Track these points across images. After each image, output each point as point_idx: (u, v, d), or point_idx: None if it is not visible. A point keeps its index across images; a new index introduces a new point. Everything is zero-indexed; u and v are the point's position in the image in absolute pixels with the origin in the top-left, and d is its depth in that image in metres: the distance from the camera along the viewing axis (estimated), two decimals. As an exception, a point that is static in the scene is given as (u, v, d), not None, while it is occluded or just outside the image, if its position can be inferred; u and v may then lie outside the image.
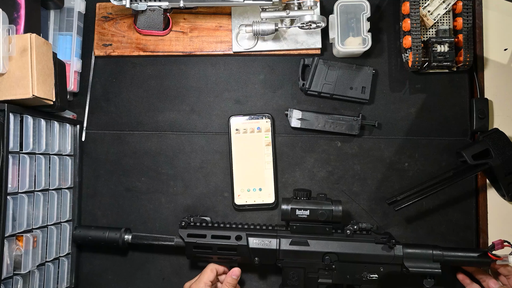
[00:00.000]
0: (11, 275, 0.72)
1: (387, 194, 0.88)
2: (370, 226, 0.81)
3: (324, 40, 0.91)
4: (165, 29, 0.92)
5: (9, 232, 0.70)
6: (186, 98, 0.93)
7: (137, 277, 0.91)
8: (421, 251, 0.80)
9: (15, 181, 0.72)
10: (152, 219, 0.91)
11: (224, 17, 0.93)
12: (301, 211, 0.80)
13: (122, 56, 0.93)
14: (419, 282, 0.79)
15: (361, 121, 0.89)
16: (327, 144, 0.91)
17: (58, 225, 0.85)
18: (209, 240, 0.82)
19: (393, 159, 0.90)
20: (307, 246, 0.81)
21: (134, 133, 0.93)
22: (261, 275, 0.90)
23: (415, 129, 0.90)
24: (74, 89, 0.92)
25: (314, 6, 0.86)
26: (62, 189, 0.86)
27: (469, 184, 0.89)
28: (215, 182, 0.91)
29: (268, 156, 0.90)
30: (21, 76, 0.72)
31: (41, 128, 0.79)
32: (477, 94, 0.89)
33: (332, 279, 0.81)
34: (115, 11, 0.94)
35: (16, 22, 0.77)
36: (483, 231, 0.87)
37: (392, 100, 0.91)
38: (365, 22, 0.86)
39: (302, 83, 0.90)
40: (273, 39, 0.91)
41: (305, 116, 0.89)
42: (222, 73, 0.93)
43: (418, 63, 0.85)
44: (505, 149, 0.82)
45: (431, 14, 0.86)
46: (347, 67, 0.89)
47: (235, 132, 0.90)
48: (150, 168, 0.92)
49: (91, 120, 0.94)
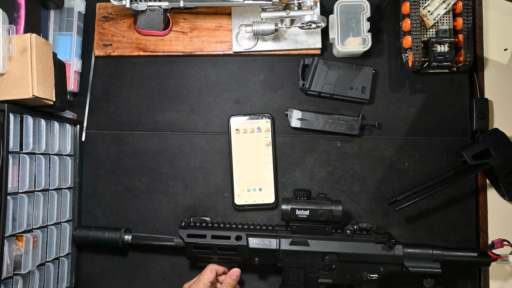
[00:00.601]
0: (11, 275, 0.72)
1: (387, 194, 0.88)
2: (370, 226, 0.81)
3: (324, 40, 0.91)
4: (165, 29, 0.92)
5: (9, 232, 0.70)
6: (186, 98, 0.93)
7: (137, 277, 0.91)
8: (421, 251, 0.80)
9: (15, 181, 0.72)
10: (152, 219, 0.91)
11: (224, 17, 0.93)
12: (301, 211, 0.80)
13: (122, 56, 0.93)
14: (419, 282, 0.79)
15: (361, 121, 0.89)
16: (327, 144, 0.91)
17: (58, 225, 0.85)
18: (209, 240, 0.82)
19: (393, 159, 0.90)
20: (307, 246, 0.81)
21: (134, 133, 0.93)
22: (261, 275, 0.90)
23: (415, 129, 0.90)
24: (74, 89, 0.92)
25: (314, 6, 0.86)
26: (62, 189, 0.86)
27: (469, 184, 0.89)
28: (215, 182, 0.91)
29: (268, 156, 0.90)
30: (21, 76, 0.72)
31: (41, 128, 0.79)
32: (477, 94, 0.89)
33: (332, 279, 0.81)
34: (115, 11, 0.94)
35: (16, 22, 0.76)
36: (483, 231, 0.87)
37: (392, 100, 0.91)
38: (365, 22, 0.86)
39: (302, 83, 0.90)
40: (273, 39, 0.91)
41: (305, 116, 0.89)
42: (222, 73, 0.93)
43: (418, 63, 0.85)
44: (505, 149, 0.82)
45: (431, 14, 0.86)
46: (347, 67, 0.89)
47: (235, 132, 0.90)
48: (150, 168, 0.92)
49: (91, 120, 0.94)
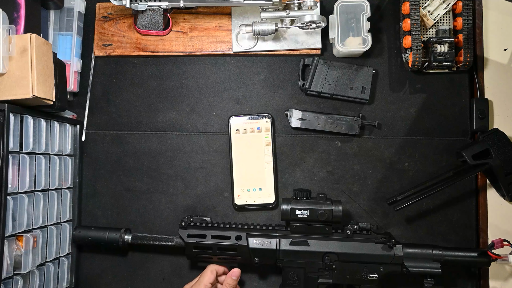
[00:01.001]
0: (11, 275, 0.72)
1: (387, 194, 0.88)
2: (370, 226, 0.81)
3: (324, 40, 0.91)
4: (165, 29, 0.92)
5: (9, 232, 0.70)
6: (186, 98, 0.93)
7: (137, 277, 0.91)
8: (421, 251, 0.80)
9: (15, 181, 0.72)
10: (152, 219, 0.91)
11: (224, 17, 0.93)
12: (301, 211, 0.80)
13: (122, 56, 0.93)
14: (419, 282, 0.79)
15: (361, 121, 0.89)
16: (327, 144, 0.91)
17: (58, 225, 0.85)
18: (209, 240, 0.82)
19: (393, 159, 0.90)
20: (307, 246, 0.81)
21: (134, 133, 0.93)
22: (261, 275, 0.90)
23: (415, 129, 0.90)
24: (74, 89, 0.92)
25: (314, 6, 0.86)
26: (62, 189, 0.86)
27: (469, 184, 0.89)
28: (215, 182, 0.91)
29: (268, 156, 0.90)
30: (21, 76, 0.72)
31: (41, 128, 0.79)
32: (477, 94, 0.89)
33: (332, 279, 0.80)
34: (115, 11, 0.94)
35: (16, 22, 0.76)
36: (483, 231, 0.87)
37: (392, 100, 0.91)
38: (365, 22, 0.86)
39: (302, 83, 0.90)
40: (273, 39, 0.91)
41: (305, 116, 0.89)
42: (222, 73, 0.93)
43: (418, 63, 0.85)
44: (505, 149, 0.82)
45: (431, 14, 0.86)
46: (347, 67, 0.89)
47: (235, 132, 0.90)
48: (150, 168, 0.92)
49: (91, 120, 0.94)
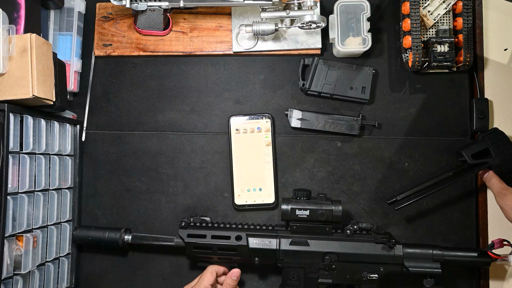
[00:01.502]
0: (11, 275, 0.72)
1: (387, 194, 0.88)
2: (370, 226, 0.81)
3: (324, 40, 0.91)
4: (165, 29, 0.92)
5: (9, 232, 0.70)
6: (186, 98, 0.93)
7: (137, 277, 0.91)
8: (421, 251, 0.80)
9: (15, 181, 0.72)
10: (152, 219, 0.91)
11: (224, 17, 0.93)
12: (301, 211, 0.80)
13: (122, 56, 0.93)
14: (419, 282, 0.79)
15: (361, 121, 0.89)
16: (327, 144, 0.91)
17: (58, 225, 0.85)
18: (209, 240, 0.82)
19: (393, 159, 0.90)
20: (307, 246, 0.81)
21: (134, 133, 0.93)
22: (261, 275, 0.90)
23: (415, 129, 0.90)
24: (74, 89, 0.92)
25: (314, 6, 0.86)
26: (62, 189, 0.86)
27: (469, 184, 0.89)
28: (215, 182, 0.91)
29: (268, 156, 0.90)
30: (21, 76, 0.72)
31: (41, 128, 0.79)
32: (477, 94, 0.89)
33: (332, 279, 0.80)
34: (115, 11, 0.94)
35: (16, 22, 0.76)
36: (483, 231, 0.87)
37: (392, 100, 0.91)
38: (365, 22, 0.86)
39: (302, 83, 0.90)
40: (273, 39, 0.91)
41: (305, 116, 0.89)
42: (222, 73, 0.93)
43: (418, 63, 0.85)
44: (504, 148, 0.82)
45: (431, 14, 0.86)
46: (347, 67, 0.89)
47: (235, 132, 0.90)
48: (150, 168, 0.92)
49: (91, 120, 0.94)
